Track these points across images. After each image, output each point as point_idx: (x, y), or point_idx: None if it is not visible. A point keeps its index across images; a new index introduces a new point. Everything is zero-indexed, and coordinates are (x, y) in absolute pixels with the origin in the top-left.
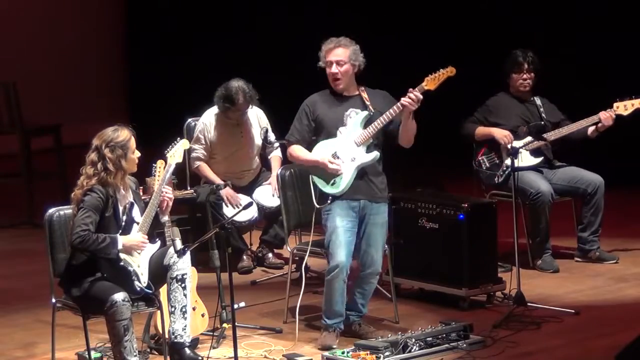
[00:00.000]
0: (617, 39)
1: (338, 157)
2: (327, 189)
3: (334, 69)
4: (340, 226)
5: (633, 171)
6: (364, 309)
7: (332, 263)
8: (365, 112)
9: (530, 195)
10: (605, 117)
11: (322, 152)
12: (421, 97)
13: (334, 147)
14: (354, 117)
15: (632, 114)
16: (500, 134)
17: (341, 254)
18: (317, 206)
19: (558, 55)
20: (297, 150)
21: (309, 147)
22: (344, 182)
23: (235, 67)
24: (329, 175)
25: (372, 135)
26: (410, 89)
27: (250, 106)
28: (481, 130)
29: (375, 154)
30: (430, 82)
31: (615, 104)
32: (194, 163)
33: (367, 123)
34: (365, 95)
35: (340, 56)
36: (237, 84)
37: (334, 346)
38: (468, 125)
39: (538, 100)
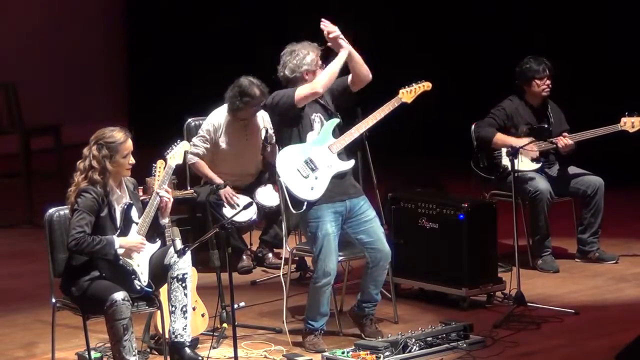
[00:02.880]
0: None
1: (313, 164)
2: (304, 195)
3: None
4: (332, 233)
5: (633, 171)
6: (377, 296)
7: (325, 271)
8: (337, 120)
9: (529, 194)
10: (562, 145)
11: (294, 157)
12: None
13: (306, 153)
14: (326, 123)
15: (637, 132)
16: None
17: (334, 262)
18: (294, 211)
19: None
20: (318, 77)
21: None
22: (321, 188)
23: (236, 67)
24: (305, 182)
25: (347, 144)
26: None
27: (264, 101)
28: (500, 138)
29: (352, 161)
30: (407, 95)
31: (622, 119)
32: (191, 158)
33: (335, 128)
34: (322, 100)
35: None
36: (247, 79)
37: (326, 349)
38: (488, 129)
39: (548, 106)
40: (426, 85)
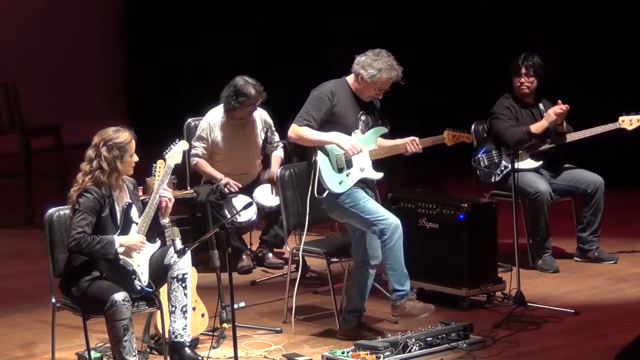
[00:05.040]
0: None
1: (350, 160)
2: (331, 185)
3: (380, 94)
4: (368, 198)
5: (633, 171)
6: (364, 307)
7: (390, 224)
8: (385, 130)
9: (529, 195)
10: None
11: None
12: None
13: None
14: (375, 129)
15: (636, 129)
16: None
17: (389, 213)
18: (317, 196)
19: (559, 56)
20: (309, 131)
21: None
22: (348, 185)
23: (236, 67)
24: (337, 174)
25: (383, 156)
26: (416, 141)
27: (259, 100)
28: (535, 128)
29: (382, 174)
30: (450, 138)
31: (620, 118)
32: (192, 159)
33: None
34: (370, 104)
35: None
36: (242, 79)
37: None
38: (515, 130)
39: (541, 105)
40: (468, 137)
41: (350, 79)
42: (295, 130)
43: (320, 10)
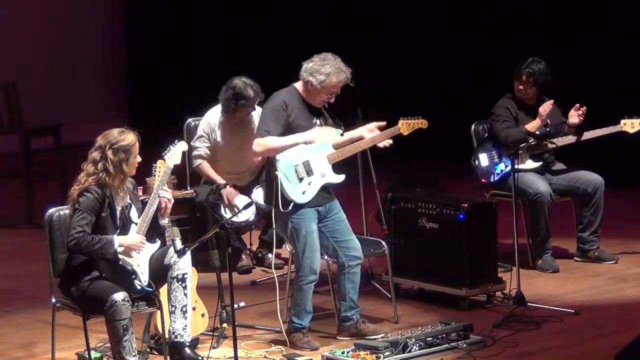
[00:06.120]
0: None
1: (310, 168)
2: (294, 197)
3: (331, 98)
4: (315, 230)
5: (633, 171)
6: (357, 302)
7: (311, 268)
8: (340, 131)
9: (530, 196)
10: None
11: (294, 155)
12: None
13: (306, 155)
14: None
15: (638, 132)
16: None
17: (318, 259)
18: (282, 210)
19: (559, 56)
20: (272, 139)
21: None
22: (312, 194)
23: (236, 67)
24: (299, 184)
25: (343, 159)
26: (388, 143)
27: (258, 100)
28: (530, 127)
29: (343, 176)
30: (405, 127)
31: (622, 121)
32: (196, 161)
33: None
34: (325, 107)
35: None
36: (240, 80)
37: (319, 346)
38: (514, 130)
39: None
40: (423, 123)
41: (299, 85)
42: (259, 142)
43: (320, 10)
